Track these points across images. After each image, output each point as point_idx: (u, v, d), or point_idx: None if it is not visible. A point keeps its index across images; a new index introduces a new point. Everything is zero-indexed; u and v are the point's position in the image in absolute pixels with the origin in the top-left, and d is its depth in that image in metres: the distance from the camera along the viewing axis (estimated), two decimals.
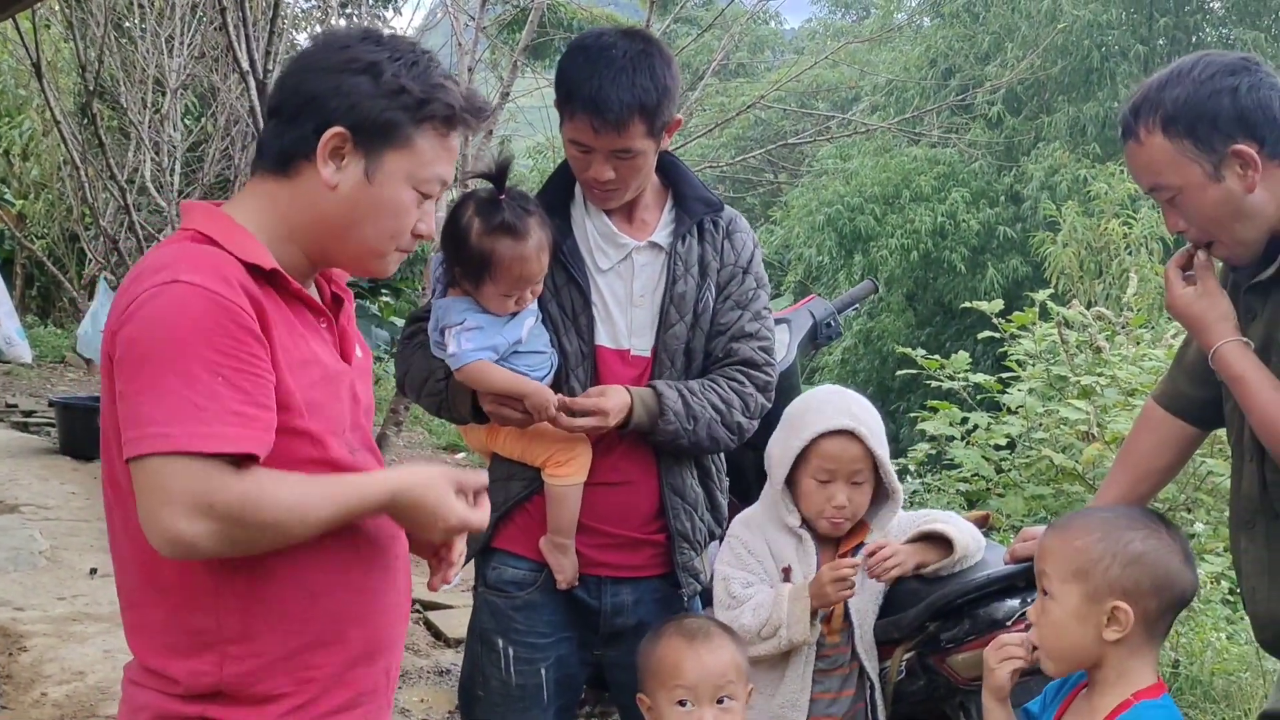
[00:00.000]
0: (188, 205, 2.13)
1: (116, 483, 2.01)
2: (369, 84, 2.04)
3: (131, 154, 12.72)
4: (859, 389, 12.84)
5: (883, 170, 22.82)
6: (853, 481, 2.97)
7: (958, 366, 9.42)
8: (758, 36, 27.79)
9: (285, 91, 2.09)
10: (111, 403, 1.96)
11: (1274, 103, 2.45)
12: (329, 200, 2.06)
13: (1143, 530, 2.33)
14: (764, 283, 3.19)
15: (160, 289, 1.89)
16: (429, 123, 2.09)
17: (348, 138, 2.04)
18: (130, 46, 12.30)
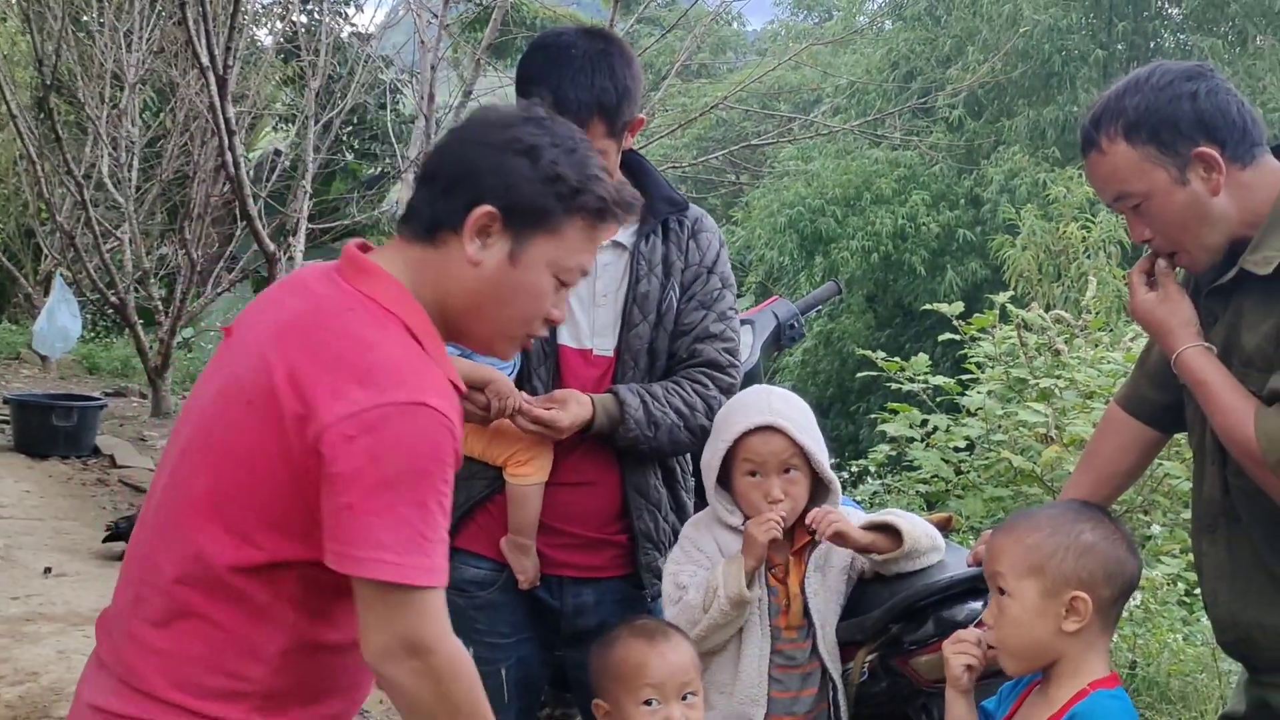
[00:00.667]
0: (359, 261, 2.10)
1: (200, 503, 2.00)
2: (527, 167, 2.06)
3: (89, 149, 12.62)
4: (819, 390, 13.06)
5: (844, 172, 22.87)
6: (784, 473, 2.95)
7: (917, 369, 9.45)
8: (720, 38, 27.82)
9: (443, 161, 2.11)
10: (244, 429, 1.97)
11: (1232, 107, 2.47)
12: (470, 276, 2.07)
13: (1089, 522, 2.42)
14: (729, 283, 3.18)
15: (409, 410, 1.91)
16: (580, 213, 2.10)
17: (497, 217, 2.05)
18: (88, 41, 12.20)
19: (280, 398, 1.93)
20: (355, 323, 1.99)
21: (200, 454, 2.02)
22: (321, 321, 2.01)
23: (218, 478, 1.99)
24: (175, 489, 2.04)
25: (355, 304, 2.02)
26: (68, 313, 13.04)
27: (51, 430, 9.85)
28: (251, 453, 1.96)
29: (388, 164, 16.75)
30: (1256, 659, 2.66)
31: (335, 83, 11.80)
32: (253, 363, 2.00)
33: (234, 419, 1.99)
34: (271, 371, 1.95)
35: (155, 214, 14.28)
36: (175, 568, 1.99)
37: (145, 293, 12.87)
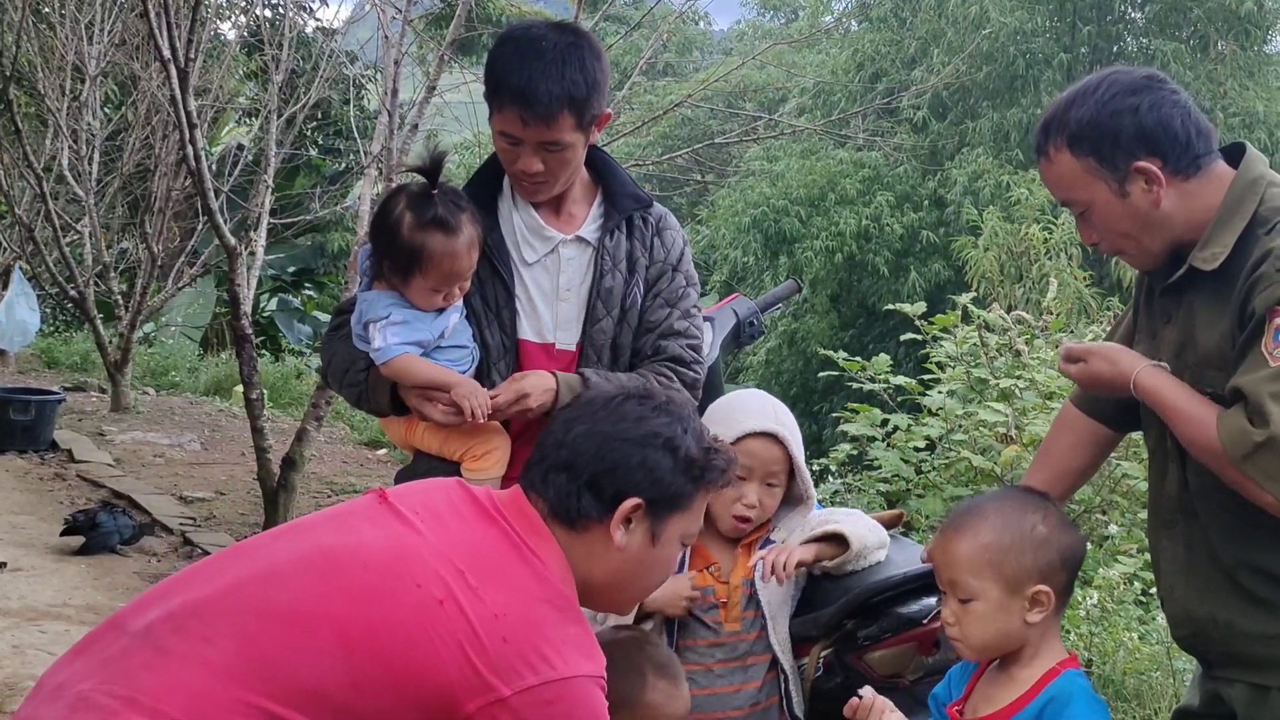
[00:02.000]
0: (539, 528, 2.18)
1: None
2: (669, 460, 2.21)
3: (49, 142, 12.51)
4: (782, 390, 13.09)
5: (808, 173, 22.93)
6: (767, 483, 2.99)
7: (879, 368, 9.49)
8: (686, 37, 27.89)
9: (581, 454, 2.20)
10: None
11: (1175, 120, 2.53)
12: (613, 558, 2.21)
13: (1038, 513, 2.48)
14: (693, 281, 3.19)
15: (593, 685, 2.05)
16: (705, 486, 2.28)
17: (643, 507, 2.20)
18: (49, 32, 12.10)
19: (473, 630, 1.98)
20: (549, 593, 2.09)
21: (311, 611, 1.99)
22: (521, 575, 2.08)
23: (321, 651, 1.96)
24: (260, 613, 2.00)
25: (545, 572, 2.12)
26: (26, 306, 12.92)
27: (8, 424, 9.75)
28: (410, 630, 1.97)
29: (352, 160, 16.68)
30: (1210, 654, 2.69)
31: (299, 77, 11.74)
32: (439, 566, 2.03)
33: (399, 591, 2.00)
34: (474, 600, 2.01)
35: (116, 208, 14.18)
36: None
37: (105, 287, 12.78)
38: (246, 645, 1.94)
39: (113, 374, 12.03)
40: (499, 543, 2.12)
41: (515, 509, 2.20)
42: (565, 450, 2.22)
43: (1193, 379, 2.55)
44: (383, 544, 2.06)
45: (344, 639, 1.95)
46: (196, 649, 1.94)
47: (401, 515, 2.13)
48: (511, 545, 2.12)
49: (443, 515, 2.14)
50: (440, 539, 2.08)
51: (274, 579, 2.03)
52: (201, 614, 1.99)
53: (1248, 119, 21.08)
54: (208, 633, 1.96)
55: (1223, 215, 2.52)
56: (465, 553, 2.06)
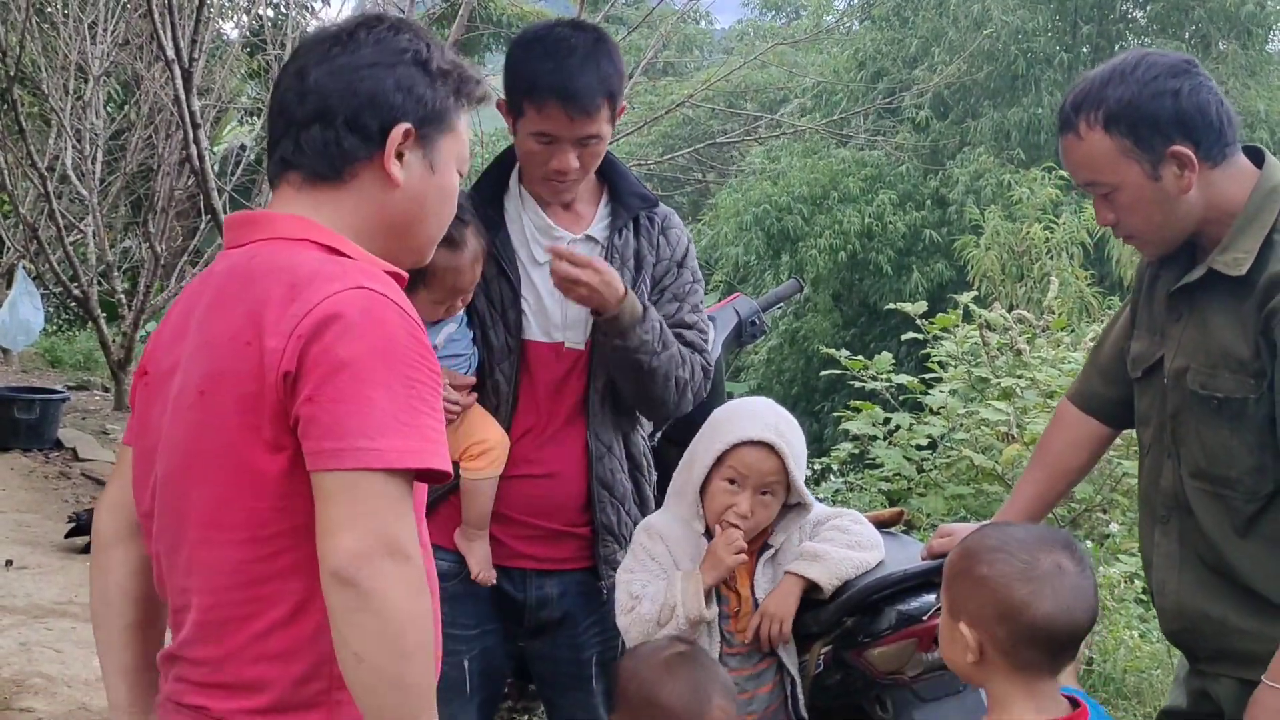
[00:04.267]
0: (243, 219, 2.01)
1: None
2: (422, 74, 1.99)
3: (53, 141, 12.54)
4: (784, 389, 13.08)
5: (811, 171, 22.93)
6: (761, 492, 2.94)
7: (880, 367, 9.52)
8: (686, 36, 27.84)
9: (329, 95, 1.96)
10: (243, 408, 1.83)
11: (1211, 107, 2.52)
12: (395, 198, 1.99)
13: (1017, 555, 2.23)
14: (698, 277, 3.21)
15: (347, 295, 1.80)
16: (465, 101, 2.06)
17: (413, 133, 1.98)
18: (52, 32, 12.12)
19: (237, 373, 1.83)
20: (264, 261, 1.90)
21: (194, 467, 1.91)
22: (238, 281, 1.90)
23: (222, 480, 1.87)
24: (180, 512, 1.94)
25: (256, 250, 1.93)
26: (30, 305, 12.94)
27: (13, 423, 9.80)
28: (248, 466, 1.85)
29: None
30: (1200, 649, 2.71)
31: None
32: (198, 355, 1.91)
33: (215, 444, 1.87)
34: (218, 351, 1.87)
35: (119, 207, 14.21)
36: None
37: (109, 286, 12.81)
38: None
39: (116, 373, 12.07)
40: (223, 286, 1.92)
41: (228, 231, 2.02)
42: (310, 98, 1.96)
43: (1205, 380, 2.57)
44: (167, 425, 1.95)
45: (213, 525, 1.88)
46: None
47: (158, 382, 2.01)
48: (232, 275, 1.92)
49: (180, 331, 1.99)
50: (187, 357, 1.94)
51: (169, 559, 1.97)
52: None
53: (1250, 118, 21.04)
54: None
55: (1245, 220, 2.52)
56: (203, 345, 1.90)
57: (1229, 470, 2.57)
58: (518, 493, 3.03)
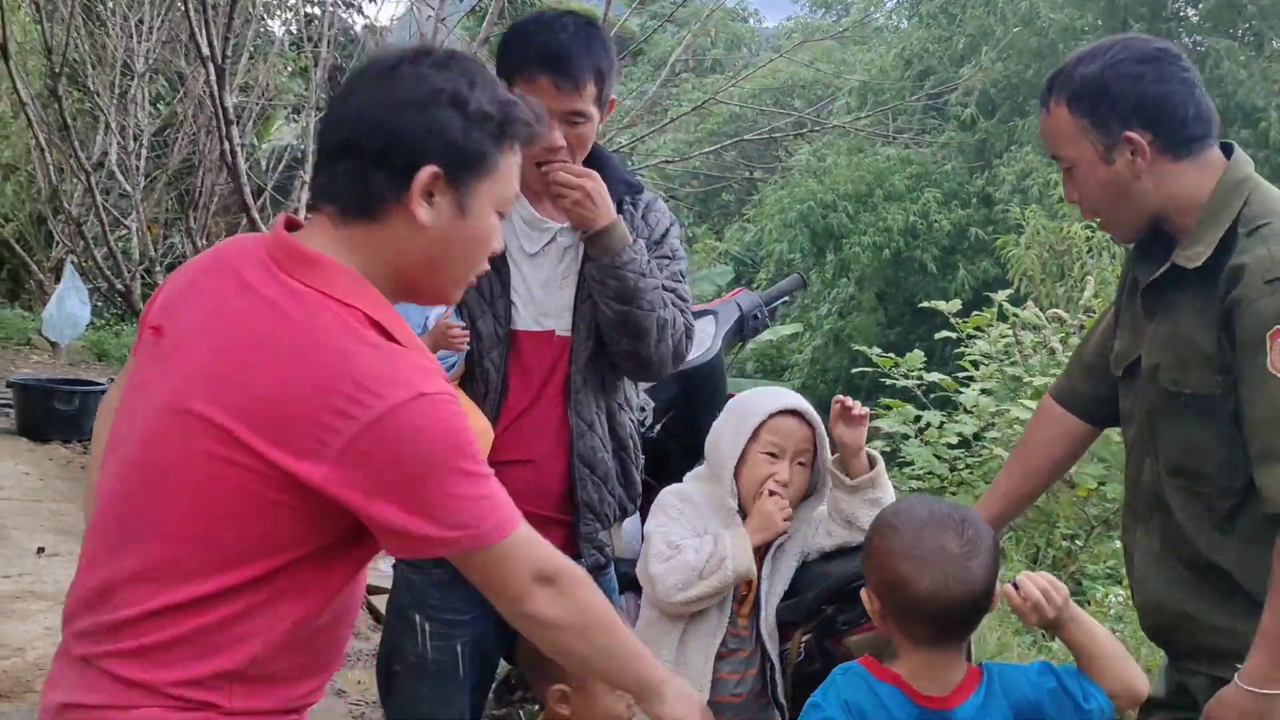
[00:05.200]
0: (300, 252, 1.99)
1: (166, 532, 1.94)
2: (457, 117, 1.98)
3: (100, 137, 12.73)
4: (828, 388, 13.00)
5: (856, 169, 22.87)
6: (798, 462, 3.05)
7: (911, 365, 9.51)
8: (734, 34, 27.87)
9: (361, 130, 1.98)
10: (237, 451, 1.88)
11: (1176, 97, 2.53)
12: (422, 240, 2.00)
13: (905, 533, 2.38)
14: (679, 254, 3.24)
15: (411, 406, 1.87)
16: (509, 143, 2.05)
17: (441, 175, 1.97)
18: (100, 30, 12.30)
19: (289, 423, 1.87)
20: (324, 333, 1.91)
21: (155, 480, 1.95)
22: (287, 333, 1.92)
23: (178, 515, 1.92)
24: (122, 519, 1.98)
25: (317, 308, 1.93)
26: (77, 300, 13.14)
27: (52, 414, 9.92)
28: (229, 488, 1.89)
29: None
30: (1177, 645, 2.73)
31: (342, 74, 11.89)
32: (219, 386, 1.92)
33: (195, 450, 1.91)
34: (252, 391, 1.89)
35: (163, 203, 14.39)
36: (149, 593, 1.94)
37: (152, 280, 12.98)
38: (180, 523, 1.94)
39: None
40: (261, 311, 1.95)
41: (276, 248, 2.00)
42: (344, 129, 2.00)
43: (1175, 377, 2.59)
44: (163, 400, 1.96)
45: (196, 534, 1.92)
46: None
47: (172, 346, 2.01)
48: (272, 306, 1.94)
49: (207, 314, 2.00)
50: (206, 347, 1.96)
51: (121, 522, 1.99)
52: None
53: None
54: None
55: (1208, 214, 2.53)
56: (230, 345, 1.93)
57: (1202, 466, 2.58)
58: (502, 478, 3.06)
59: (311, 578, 1.98)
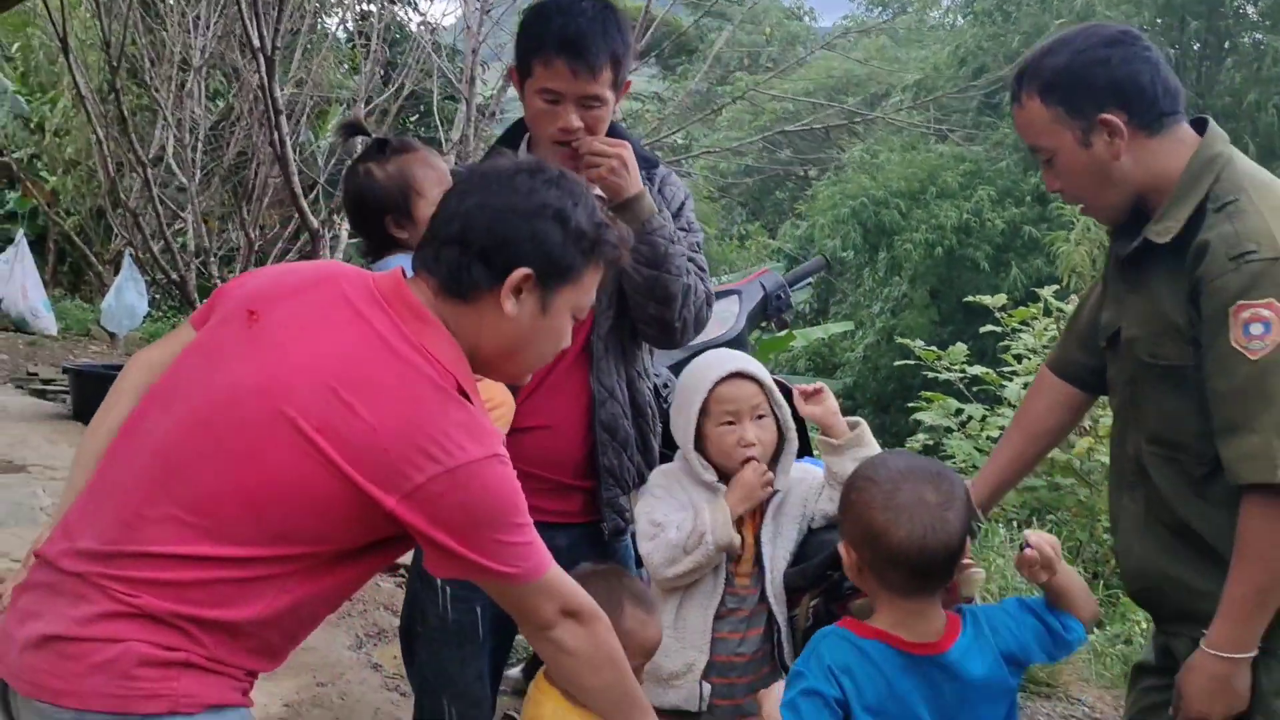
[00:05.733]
0: (416, 308, 2.24)
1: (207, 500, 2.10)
2: (558, 232, 2.26)
3: (158, 132, 12.95)
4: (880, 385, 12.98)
5: (909, 165, 22.81)
6: (756, 417, 3.10)
7: (954, 358, 9.52)
8: (789, 32, 27.89)
9: (472, 227, 2.25)
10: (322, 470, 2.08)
11: (1144, 75, 2.60)
12: (504, 328, 2.27)
13: (882, 484, 2.47)
14: (694, 226, 3.32)
15: (484, 465, 2.12)
16: (595, 260, 2.33)
17: (532, 278, 2.24)
18: (158, 26, 12.52)
19: (377, 453, 2.08)
20: (426, 385, 2.15)
21: (225, 446, 2.11)
22: (396, 381, 2.14)
23: (238, 484, 2.09)
24: (175, 467, 2.12)
25: (423, 363, 2.17)
26: (135, 291, 13.39)
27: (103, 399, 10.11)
28: (296, 480, 2.08)
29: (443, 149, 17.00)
30: (1162, 609, 2.79)
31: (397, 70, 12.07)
32: (312, 394, 2.10)
33: (276, 440, 2.09)
34: (347, 410, 2.09)
35: (219, 196, 14.61)
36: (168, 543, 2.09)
37: (207, 273, 13.18)
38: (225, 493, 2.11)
39: None
40: (372, 343, 2.17)
41: (394, 296, 2.25)
42: (457, 223, 2.27)
43: (1152, 348, 2.66)
44: (253, 381, 2.14)
45: (250, 504, 2.09)
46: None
47: (269, 336, 2.19)
48: (384, 344, 2.17)
49: (314, 324, 2.21)
50: (310, 354, 2.15)
51: (172, 469, 2.13)
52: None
53: None
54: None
55: (1179, 190, 2.60)
56: (336, 365, 2.13)
57: (1179, 435, 2.65)
58: (519, 445, 3.13)
59: (330, 569, 2.19)
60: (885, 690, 2.43)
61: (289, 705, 4.85)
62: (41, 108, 17.29)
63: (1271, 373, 2.41)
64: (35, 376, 12.15)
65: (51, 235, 18.16)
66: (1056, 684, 5.70)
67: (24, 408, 10.74)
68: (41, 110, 17.26)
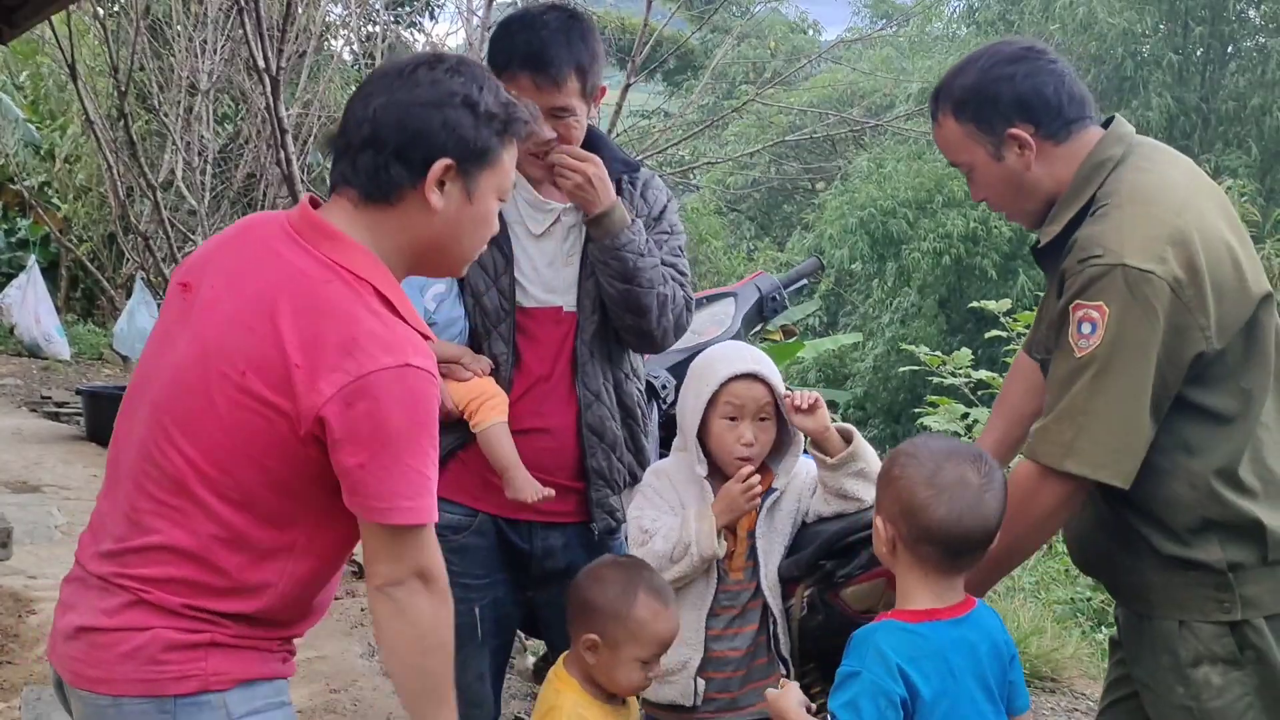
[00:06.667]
0: (323, 227, 2.25)
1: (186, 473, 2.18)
2: (469, 117, 2.25)
3: (167, 156, 13.05)
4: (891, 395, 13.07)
5: (916, 175, 22.89)
6: (759, 419, 3.15)
7: (959, 363, 9.57)
8: (794, 46, 27.95)
9: (383, 126, 2.23)
10: (258, 416, 2.14)
11: (1048, 87, 2.71)
12: (433, 223, 2.27)
13: (925, 463, 2.51)
14: (677, 229, 3.38)
15: (397, 373, 2.12)
16: (510, 138, 2.33)
17: (453, 167, 2.24)
18: (166, 51, 12.63)
19: (275, 368, 2.12)
20: (338, 297, 2.16)
21: (176, 430, 2.18)
22: (305, 295, 2.16)
23: (201, 453, 2.16)
24: (151, 456, 2.20)
25: (333, 276, 2.18)
26: (147, 314, 13.46)
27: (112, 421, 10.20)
28: (241, 426, 2.14)
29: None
30: (1102, 580, 2.96)
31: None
32: (241, 336, 2.16)
33: (221, 398, 2.15)
34: (267, 342, 2.13)
35: (229, 218, 14.70)
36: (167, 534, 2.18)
37: None
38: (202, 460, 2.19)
39: None
40: (286, 273, 2.19)
41: (303, 223, 2.26)
42: (367, 126, 2.24)
43: (1045, 344, 2.79)
44: (190, 352, 2.21)
45: (219, 468, 2.17)
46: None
47: (200, 301, 2.25)
48: (296, 271, 2.19)
49: (235, 275, 2.25)
50: (233, 304, 2.20)
51: (149, 457, 2.21)
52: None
53: None
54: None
55: (1067, 194, 2.72)
56: (254, 302, 2.17)
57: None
58: (520, 448, 3.21)
59: (312, 539, 2.26)
60: (945, 669, 2.46)
61: (302, 712, 4.92)
62: (52, 135, 17.43)
63: (1088, 368, 2.52)
64: (49, 400, 12.27)
65: (64, 261, 18.28)
66: (1061, 679, 5.76)
67: (39, 430, 10.87)
68: (52, 138, 17.40)
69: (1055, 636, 6.05)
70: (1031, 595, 6.82)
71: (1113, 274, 2.49)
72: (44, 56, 16.57)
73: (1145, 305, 2.47)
